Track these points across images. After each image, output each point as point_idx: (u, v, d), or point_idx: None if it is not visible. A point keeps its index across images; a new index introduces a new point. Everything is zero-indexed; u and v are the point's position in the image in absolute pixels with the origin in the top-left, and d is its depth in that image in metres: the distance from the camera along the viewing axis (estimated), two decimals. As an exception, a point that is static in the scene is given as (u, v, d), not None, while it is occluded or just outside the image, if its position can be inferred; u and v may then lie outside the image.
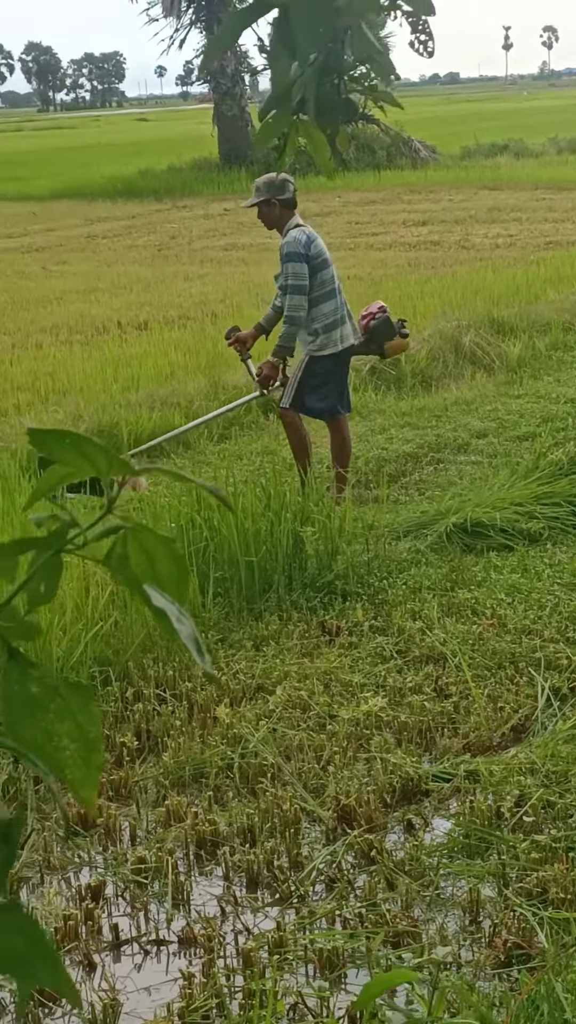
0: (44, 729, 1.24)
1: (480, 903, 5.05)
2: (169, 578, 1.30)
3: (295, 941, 4.89)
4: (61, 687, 1.25)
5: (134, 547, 1.28)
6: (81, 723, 1.24)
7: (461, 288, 18.47)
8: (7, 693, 1.23)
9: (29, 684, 1.24)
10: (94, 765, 1.25)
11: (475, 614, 7.65)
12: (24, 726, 1.23)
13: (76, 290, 21.72)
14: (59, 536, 1.22)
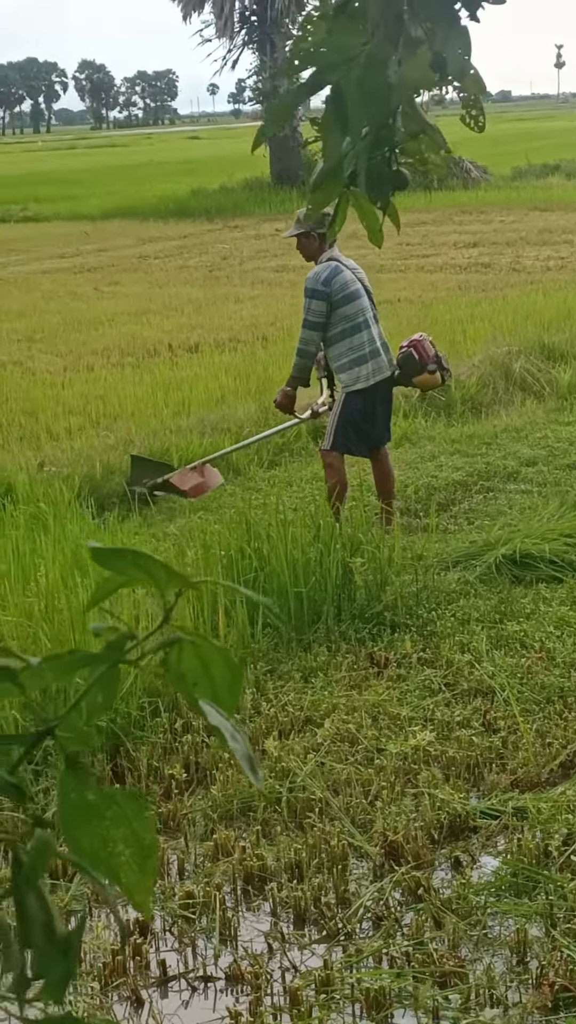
0: (100, 835, 1.27)
1: (527, 943, 5.05)
2: (223, 683, 1.33)
3: (342, 980, 4.91)
4: (117, 795, 1.28)
5: (189, 653, 1.31)
6: (136, 830, 1.27)
7: (512, 312, 18.46)
8: (65, 800, 1.26)
9: (86, 792, 1.27)
10: (149, 871, 1.28)
11: (524, 647, 7.65)
12: (81, 832, 1.27)
13: (128, 311, 21.83)
14: (117, 648, 1.26)
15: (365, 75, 2.53)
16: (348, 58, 2.57)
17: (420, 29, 2.67)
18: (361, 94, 2.52)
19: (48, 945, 1.14)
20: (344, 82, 2.56)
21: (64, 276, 27.65)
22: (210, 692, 1.33)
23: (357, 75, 2.53)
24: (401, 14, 2.61)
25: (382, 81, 2.55)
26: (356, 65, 2.54)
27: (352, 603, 8.11)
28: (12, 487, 10.68)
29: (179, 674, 1.32)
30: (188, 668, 1.33)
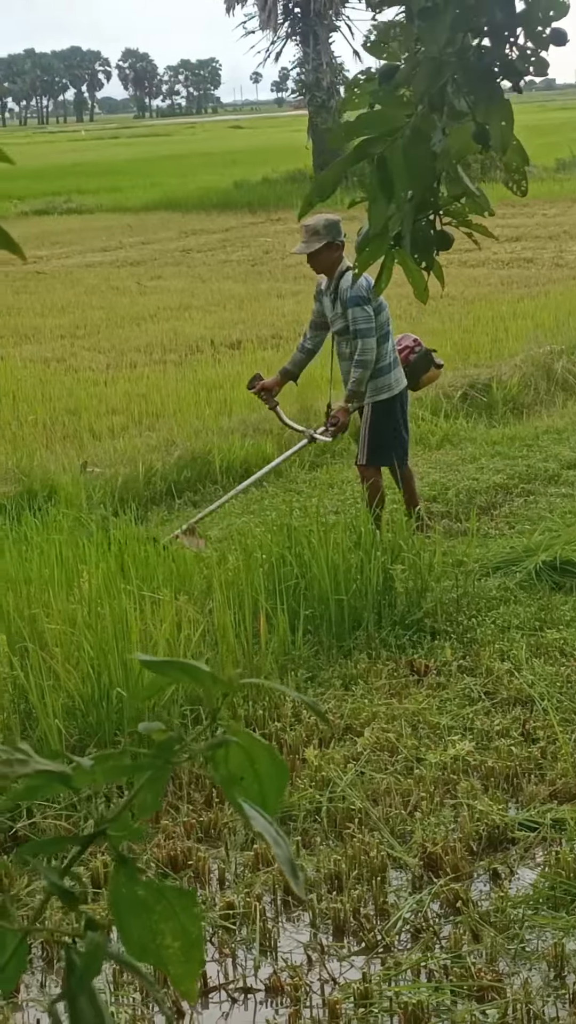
0: (150, 928, 1.32)
1: (565, 958, 5.09)
2: (269, 778, 1.38)
3: (380, 993, 4.96)
4: (166, 890, 1.33)
5: (235, 749, 1.37)
6: (184, 923, 1.33)
7: (554, 309, 18.46)
8: (116, 895, 1.32)
9: (136, 888, 1.32)
10: (195, 961, 1.34)
11: (563, 655, 7.68)
12: (132, 925, 1.32)
13: (170, 307, 21.91)
14: (166, 751, 1.31)
15: (410, 146, 2.58)
16: (393, 129, 2.63)
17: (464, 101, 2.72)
18: (406, 164, 2.58)
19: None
20: (389, 152, 2.61)
21: (107, 270, 27.75)
22: (256, 787, 1.38)
23: (402, 146, 2.59)
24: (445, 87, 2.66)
25: (426, 152, 2.61)
26: (401, 136, 2.60)
27: (392, 610, 8.15)
28: (55, 489, 10.77)
29: (226, 772, 1.37)
30: (235, 765, 1.38)
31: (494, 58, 2.78)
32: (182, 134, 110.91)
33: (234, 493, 10.38)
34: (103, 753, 1.35)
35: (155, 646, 7.11)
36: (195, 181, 48.18)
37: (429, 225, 3.01)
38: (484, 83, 2.74)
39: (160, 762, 1.31)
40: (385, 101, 2.67)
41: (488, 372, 14.68)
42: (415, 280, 3.10)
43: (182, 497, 11.33)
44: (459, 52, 2.70)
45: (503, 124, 2.82)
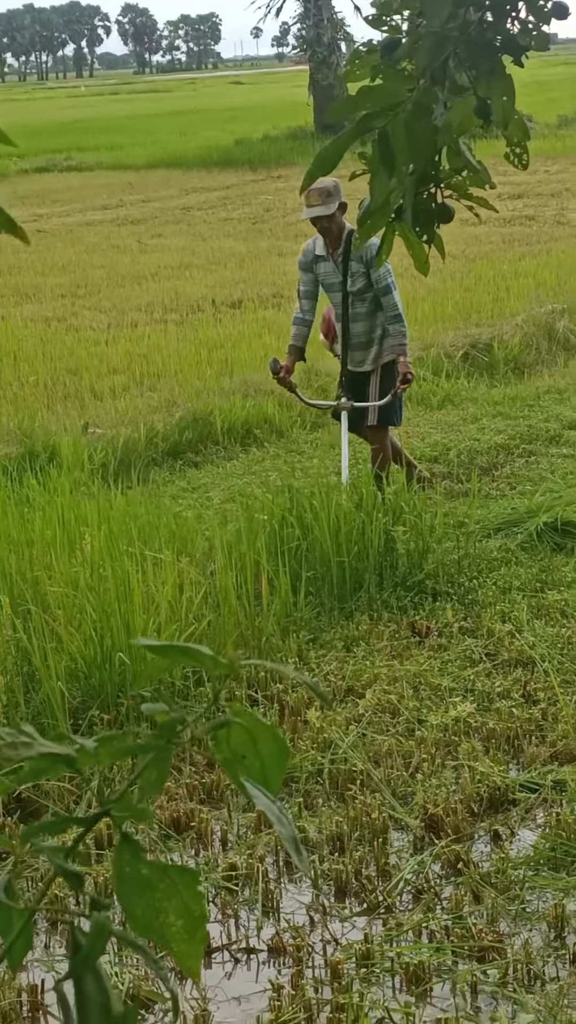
0: (153, 907, 1.34)
1: (565, 919, 5.13)
2: (271, 756, 1.41)
3: (382, 953, 5.00)
4: (170, 869, 1.35)
5: (237, 730, 1.39)
6: (187, 902, 1.35)
7: (556, 267, 18.43)
8: (120, 873, 1.34)
9: (140, 866, 1.34)
10: (198, 939, 1.36)
11: (564, 616, 7.70)
12: (135, 903, 1.34)
13: (171, 266, 21.86)
14: (169, 731, 1.33)
15: (411, 120, 2.59)
16: (395, 104, 2.63)
17: (465, 75, 2.72)
18: (408, 138, 2.58)
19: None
20: (391, 127, 2.61)
21: (107, 228, 27.68)
22: (259, 764, 1.41)
23: (404, 120, 2.59)
24: (447, 61, 2.66)
25: (428, 126, 2.61)
26: (403, 111, 2.60)
27: (394, 571, 8.17)
28: (57, 450, 10.77)
29: (228, 753, 1.39)
30: (237, 744, 1.40)
31: (496, 32, 2.78)
32: (182, 90, 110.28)
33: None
34: (107, 735, 1.37)
35: (157, 608, 7.13)
36: (196, 138, 47.95)
37: (430, 198, 3.01)
38: (486, 57, 2.74)
39: (163, 743, 1.33)
40: (387, 75, 2.68)
41: (490, 331, 14.67)
42: (416, 253, 3.11)
43: (183, 458, 11.34)
44: (461, 26, 2.70)
45: (504, 99, 2.82)
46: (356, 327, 9.55)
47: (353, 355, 9.63)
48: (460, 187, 3.11)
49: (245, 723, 1.37)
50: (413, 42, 2.69)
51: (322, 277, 9.53)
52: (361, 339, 9.57)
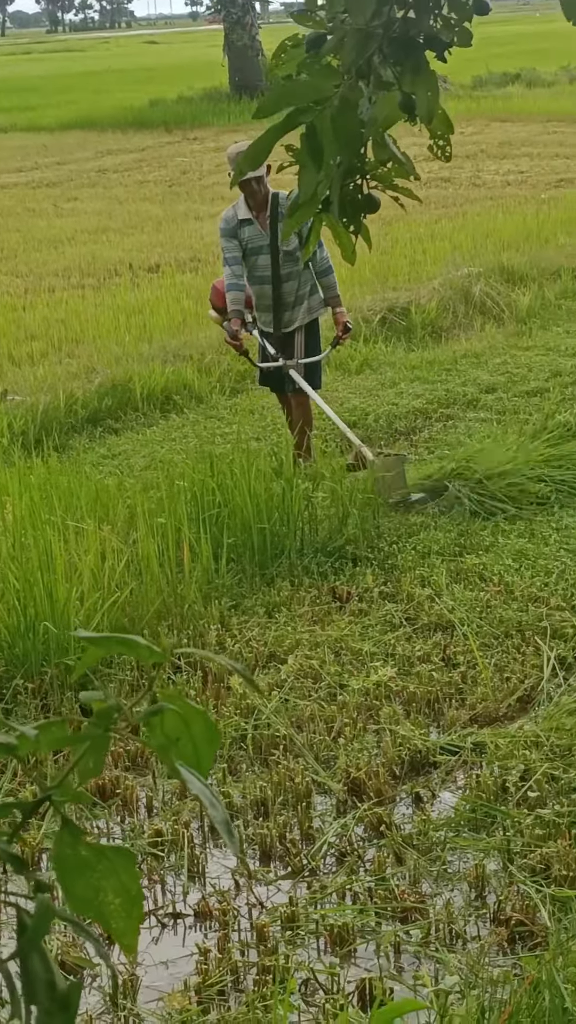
0: (92, 886, 1.41)
1: (485, 879, 5.23)
2: (203, 740, 1.47)
3: (307, 916, 5.08)
4: (107, 850, 1.42)
5: (170, 714, 1.44)
6: (124, 881, 1.41)
7: (472, 230, 18.53)
8: (61, 855, 1.40)
9: (79, 847, 1.41)
10: (135, 917, 1.42)
11: (483, 580, 7.80)
12: (75, 884, 1.41)
13: (87, 230, 21.77)
14: (105, 718, 1.38)
15: (338, 115, 2.65)
16: (322, 99, 2.68)
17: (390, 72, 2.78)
18: (335, 132, 2.64)
19: (50, 1001, 1.28)
20: (318, 121, 2.67)
21: (22, 191, 27.49)
22: (191, 747, 1.47)
23: (331, 114, 2.65)
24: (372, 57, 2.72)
25: (354, 120, 2.67)
26: (330, 106, 2.66)
27: (315, 537, 8.25)
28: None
29: (162, 738, 1.45)
30: (170, 727, 1.46)
31: (419, 29, 2.85)
32: (96, 49, 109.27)
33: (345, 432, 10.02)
34: (45, 722, 1.42)
35: (80, 577, 7.16)
36: (110, 99, 47.59)
37: (356, 189, 3.08)
38: (410, 54, 2.80)
39: (100, 731, 1.38)
40: (313, 70, 2.73)
41: (407, 295, 14.74)
42: (343, 242, 3.18)
43: (103, 425, 11.34)
44: (385, 24, 2.76)
45: (428, 94, 2.89)
46: (288, 286, 9.59)
47: (284, 315, 9.64)
48: (385, 178, 3.18)
49: (178, 708, 1.43)
50: (339, 39, 2.75)
51: (247, 241, 9.50)
52: (291, 298, 9.62)
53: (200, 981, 4.76)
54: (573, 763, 5.91)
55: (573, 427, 9.77)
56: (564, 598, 7.50)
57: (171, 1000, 4.68)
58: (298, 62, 2.82)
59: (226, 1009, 4.64)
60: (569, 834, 5.39)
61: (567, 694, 6.53)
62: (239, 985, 4.78)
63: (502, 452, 9.36)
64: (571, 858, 5.21)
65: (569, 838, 5.36)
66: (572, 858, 5.21)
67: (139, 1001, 4.72)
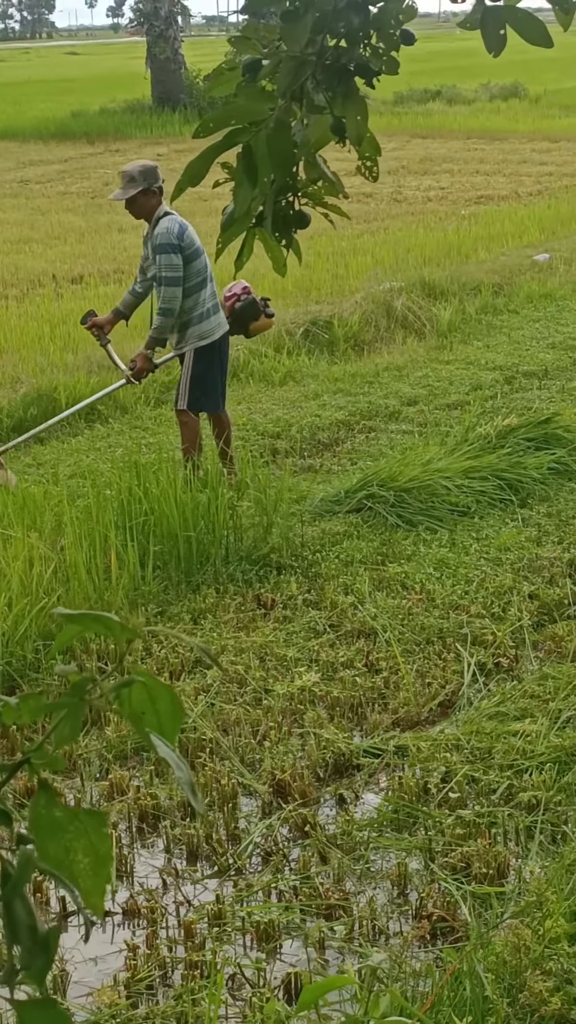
0: (64, 846, 1.52)
1: (407, 877, 5.37)
2: (167, 713, 1.59)
3: (233, 913, 5.20)
4: (80, 813, 1.53)
5: (139, 690, 1.56)
6: (94, 842, 1.53)
7: (393, 245, 18.73)
8: (36, 815, 1.52)
9: (54, 809, 1.52)
10: (103, 876, 1.54)
11: (405, 588, 7.95)
12: (48, 843, 1.52)
13: (10, 240, 21.77)
14: (80, 688, 1.50)
15: (273, 136, 2.79)
16: (257, 121, 2.82)
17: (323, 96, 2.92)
18: (269, 152, 2.78)
19: (31, 943, 1.39)
20: (254, 141, 2.81)
21: (-56, 201, 27.40)
22: (155, 721, 1.59)
23: (266, 135, 2.79)
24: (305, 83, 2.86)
25: (287, 141, 2.81)
26: (265, 127, 2.80)
27: (240, 545, 8.37)
28: None
29: (131, 711, 1.57)
30: (137, 702, 1.57)
31: (350, 58, 3.00)
32: (16, 60, 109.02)
33: (42, 428, 10.54)
34: (26, 694, 1.54)
35: (8, 583, 7.24)
36: (31, 109, 47.50)
37: (288, 206, 3.22)
38: (341, 81, 2.96)
39: (75, 700, 1.50)
40: (249, 93, 2.88)
41: (329, 309, 14.90)
42: (274, 256, 3.32)
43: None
44: (318, 52, 2.91)
45: (359, 118, 3.05)
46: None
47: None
48: (316, 196, 3.33)
49: (147, 683, 1.55)
50: (274, 64, 2.89)
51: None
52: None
53: (129, 976, 4.86)
54: (492, 765, 6.06)
55: (492, 439, 9.94)
56: (484, 606, 7.67)
57: (101, 995, 4.78)
58: (234, 85, 2.96)
59: (155, 1003, 4.74)
60: (489, 833, 5.54)
61: (486, 699, 6.68)
62: (167, 980, 4.89)
63: (423, 463, 9.52)
64: (490, 856, 5.36)
65: (489, 837, 5.51)
66: (491, 856, 5.36)
67: (69, 996, 4.82)
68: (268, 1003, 4.35)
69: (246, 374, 12.99)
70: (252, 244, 3.32)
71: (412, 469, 9.39)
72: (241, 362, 13.10)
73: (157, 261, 9.38)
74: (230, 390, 11.75)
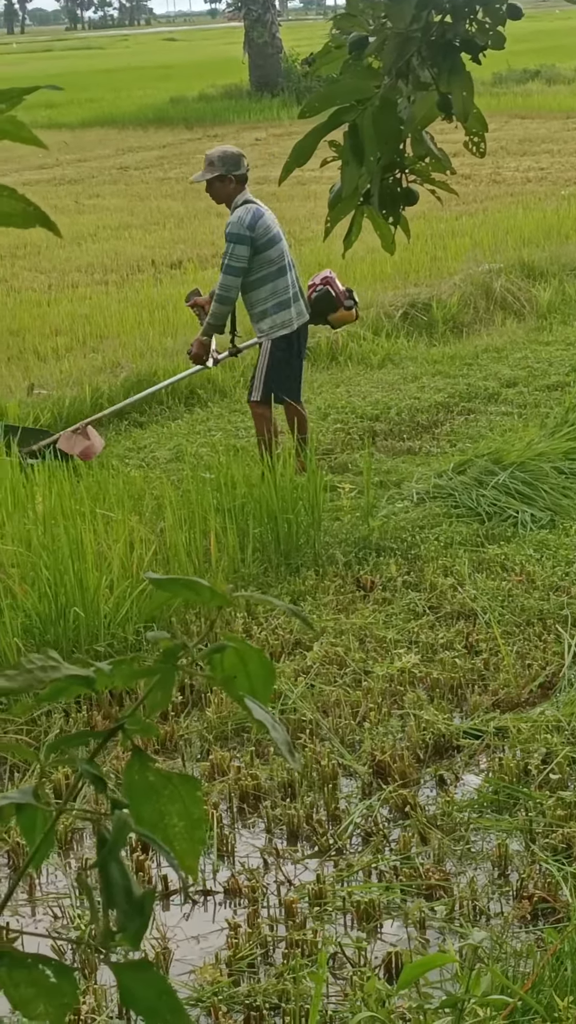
0: (158, 810, 1.55)
1: (508, 858, 5.37)
2: (259, 677, 1.60)
3: (334, 893, 5.22)
4: (173, 777, 1.55)
5: (231, 655, 1.58)
6: (188, 806, 1.55)
7: (492, 227, 18.62)
8: (130, 780, 1.55)
9: (147, 773, 1.55)
10: (197, 840, 1.56)
11: (504, 570, 7.92)
12: (142, 807, 1.55)
13: (110, 226, 21.91)
14: (172, 656, 1.51)
15: (379, 114, 2.80)
16: (364, 98, 2.83)
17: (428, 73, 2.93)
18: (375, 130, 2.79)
19: (127, 905, 1.42)
20: (360, 120, 2.82)
21: (45, 188, 27.60)
22: (247, 684, 1.60)
23: (372, 113, 2.80)
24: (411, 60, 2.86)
25: (394, 119, 2.82)
26: (371, 105, 2.80)
27: (339, 527, 8.38)
28: (3, 411, 10.89)
29: (224, 675, 1.58)
30: (230, 666, 1.59)
31: (455, 33, 3.00)
32: (116, 47, 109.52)
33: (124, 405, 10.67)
34: (119, 660, 1.56)
35: (109, 566, 7.30)
36: (130, 96, 47.76)
37: (396, 183, 3.23)
38: (447, 56, 2.96)
39: (168, 666, 1.52)
40: (354, 71, 2.89)
41: (428, 291, 14.86)
42: (383, 233, 3.34)
43: (128, 418, 11.48)
44: (423, 28, 2.92)
45: (464, 94, 3.05)
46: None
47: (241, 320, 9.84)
48: (423, 172, 3.33)
49: (237, 647, 1.56)
50: (380, 42, 2.90)
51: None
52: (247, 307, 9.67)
53: (231, 955, 4.90)
54: (594, 747, 6.03)
55: (593, 420, 9.87)
56: (585, 587, 7.63)
57: (203, 972, 4.81)
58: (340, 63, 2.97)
59: (256, 981, 4.77)
60: (590, 815, 5.51)
61: (588, 680, 6.65)
62: (268, 959, 4.91)
63: (523, 445, 9.47)
64: (592, 838, 5.34)
65: (590, 818, 5.49)
66: (593, 838, 5.34)
67: (171, 973, 4.86)
68: (369, 981, 4.36)
69: (345, 357, 12.99)
70: (360, 223, 3.33)
71: (512, 451, 9.35)
72: (340, 345, 13.11)
73: (225, 248, 9.40)
74: (328, 373, 11.79)
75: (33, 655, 1.51)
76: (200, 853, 1.64)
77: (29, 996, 1.45)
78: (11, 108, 1.67)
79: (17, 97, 1.65)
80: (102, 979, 4.78)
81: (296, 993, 4.61)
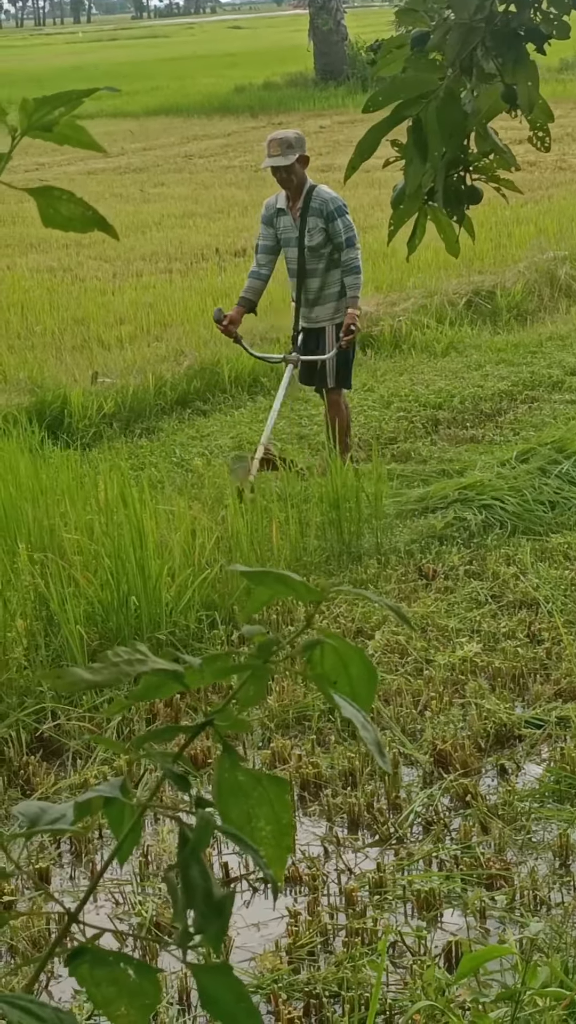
0: (246, 812, 1.53)
1: (569, 848, 5.35)
2: (360, 679, 1.58)
3: (394, 882, 5.21)
4: (263, 778, 1.54)
5: (329, 653, 1.56)
6: (276, 810, 1.53)
7: (557, 214, 18.52)
8: (220, 779, 1.53)
9: (237, 773, 1.53)
10: (284, 846, 1.54)
11: (567, 559, 7.89)
12: (231, 807, 1.53)
13: (174, 214, 21.95)
14: (266, 651, 1.50)
15: (443, 108, 2.78)
16: (427, 92, 2.81)
17: (492, 64, 2.90)
18: (440, 124, 2.77)
19: (207, 907, 1.41)
20: (424, 114, 2.80)
21: (109, 177, 27.71)
22: (348, 688, 1.58)
23: (435, 107, 2.78)
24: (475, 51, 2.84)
25: (458, 112, 2.80)
26: (435, 99, 2.79)
27: (400, 515, 8.36)
28: (67, 400, 10.93)
29: (321, 671, 1.56)
30: (329, 667, 1.57)
31: (520, 23, 2.98)
32: (181, 35, 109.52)
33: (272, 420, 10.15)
34: (210, 655, 1.56)
35: (171, 553, 7.32)
36: (195, 85, 47.78)
37: (459, 180, 3.21)
38: (511, 46, 2.94)
39: (260, 662, 1.51)
40: (417, 65, 2.87)
41: (492, 279, 14.80)
42: (447, 234, 3.32)
43: (192, 407, 11.51)
44: (487, 18, 2.89)
45: (529, 84, 3.02)
46: (312, 283, 9.45)
47: (308, 311, 9.58)
48: (487, 169, 3.31)
49: (336, 644, 1.55)
50: (442, 34, 2.88)
51: (281, 232, 9.45)
52: (313, 295, 9.49)
53: (291, 942, 4.90)
54: None
55: None
56: None
57: (263, 960, 4.82)
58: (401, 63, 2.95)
59: (316, 969, 4.77)
60: None
61: None
62: (328, 947, 4.92)
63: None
64: None
65: None
66: None
67: (232, 960, 4.87)
68: (428, 970, 4.35)
69: (408, 345, 12.95)
70: (424, 225, 3.31)
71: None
72: (403, 333, 13.08)
73: (339, 224, 9.23)
74: (392, 361, 11.77)
75: (120, 648, 1.51)
76: (286, 861, 1.64)
77: (111, 996, 1.44)
78: (71, 111, 1.67)
79: (76, 100, 1.65)
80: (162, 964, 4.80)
81: (355, 981, 4.61)
